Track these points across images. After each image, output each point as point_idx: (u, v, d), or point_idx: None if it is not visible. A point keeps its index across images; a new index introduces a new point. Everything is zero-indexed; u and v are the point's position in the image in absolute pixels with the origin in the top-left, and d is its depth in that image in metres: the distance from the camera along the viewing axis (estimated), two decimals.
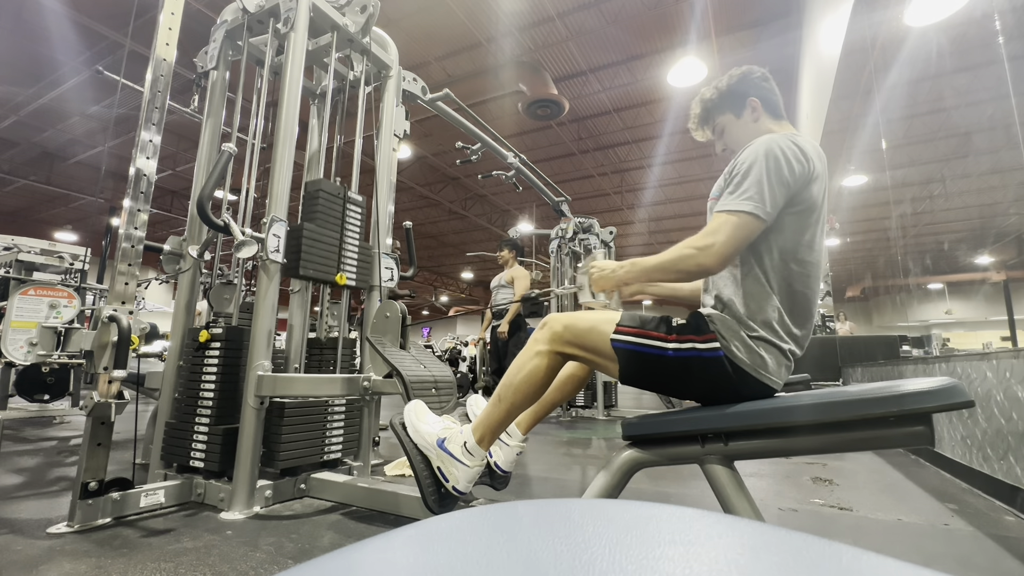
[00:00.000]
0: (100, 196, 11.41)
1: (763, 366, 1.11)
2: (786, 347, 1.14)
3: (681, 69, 6.54)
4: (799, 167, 1.12)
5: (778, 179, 1.11)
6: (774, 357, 1.13)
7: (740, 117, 1.33)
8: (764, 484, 2.32)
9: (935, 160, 8.63)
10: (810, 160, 1.14)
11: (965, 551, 1.51)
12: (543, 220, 13.09)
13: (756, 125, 1.32)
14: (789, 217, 1.14)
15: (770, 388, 1.13)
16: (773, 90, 1.33)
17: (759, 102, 1.31)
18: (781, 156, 1.12)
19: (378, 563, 0.24)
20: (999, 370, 1.98)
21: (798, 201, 1.13)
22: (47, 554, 1.36)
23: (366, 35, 2.35)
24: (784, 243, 1.14)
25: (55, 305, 3.23)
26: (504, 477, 1.56)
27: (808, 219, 1.15)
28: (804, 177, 1.13)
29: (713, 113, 1.37)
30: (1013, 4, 3.06)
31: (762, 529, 0.25)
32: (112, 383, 1.61)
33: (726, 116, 1.35)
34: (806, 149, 1.15)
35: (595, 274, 1.33)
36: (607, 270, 1.31)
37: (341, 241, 2.18)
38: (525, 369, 1.25)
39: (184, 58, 2.21)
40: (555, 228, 5.48)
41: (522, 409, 1.29)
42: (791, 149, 1.13)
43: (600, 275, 1.32)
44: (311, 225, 2.05)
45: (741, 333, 1.13)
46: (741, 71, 1.34)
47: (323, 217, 2.10)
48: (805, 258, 1.15)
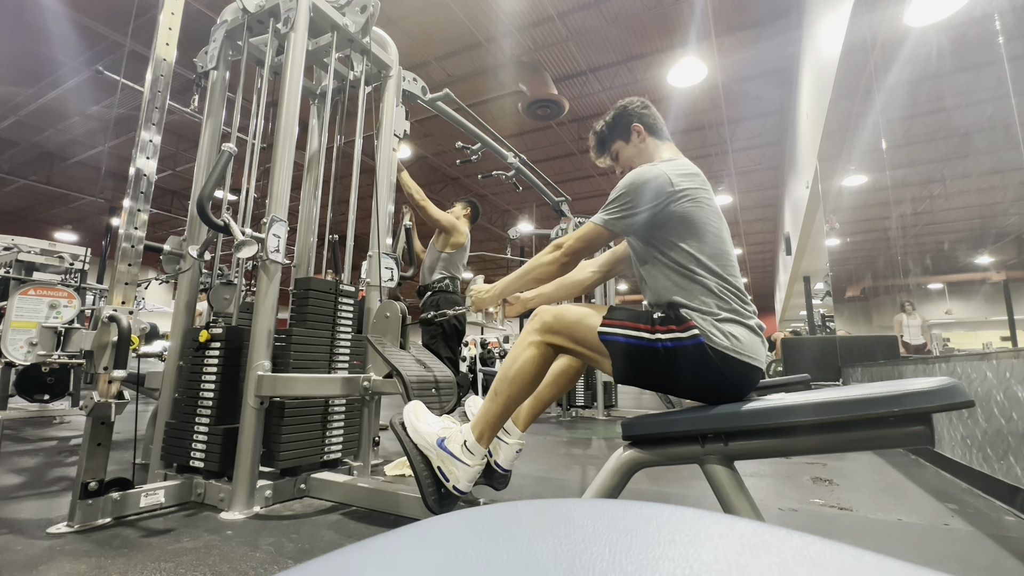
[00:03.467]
0: (100, 196, 11.41)
1: (739, 344, 1.17)
2: (751, 322, 1.22)
3: (681, 69, 6.54)
4: (659, 190, 1.27)
5: (633, 202, 1.28)
6: (744, 333, 1.19)
7: (629, 142, 1.52)
8: (764, 484, 2.32)
9: (935, 160, 8.62)
10: (673, 183, 1.28)
11: (965, 551, 1.51)
12: (543, 220, 13.09)
13: (644, 146, 1.50)
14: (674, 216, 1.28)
15: (752, 367, 1.18)
16: (653, 115, 1.52)
17: (642, 127, 1.50)
18: (641, 182, 1.29)
19: (378, 563, 0.24)
20: (999, 370, 1.98)
21: (670, 215, 1.28)
22: (47, 554, 1.36)
23: (366, 35, 2.35)
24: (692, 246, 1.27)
25: (55, 305, 3.23)
26: (504, 476, 1.56)
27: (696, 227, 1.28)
28: (665, 196, 1.27)
29: (606, 142, 1.57)
30: (1013, 4, 3.06)
31: (762, 529, 0.25)
32: (112, 383, 1.61)
33: (617, 143, 1.54)
34: (671, 175, 1.29)
35: (474, 295, 1.60)
36: (482, 291, 1.58)
37: (332, 338, 2.13)
38: (519, 361, 1.28)
39: (184, 58, 2.21)
40: (555, 228, 5.48)
41: (519, 402, 1.32)
42: (655, 175, 1.29)
43: (477, 297, 1.59)
44: (300, 329, 2.01)
45: (708, 319, 1.19)
46: (622, 103, 1.54)
47: (314, 318, 2.06)
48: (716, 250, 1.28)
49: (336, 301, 2.17)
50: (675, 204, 1.27)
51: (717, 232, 1.30)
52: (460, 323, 3.24)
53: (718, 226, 1.31)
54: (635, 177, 1.31)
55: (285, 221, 1.95)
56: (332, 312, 2.15)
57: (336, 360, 2.14)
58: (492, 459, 1.52)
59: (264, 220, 1.91)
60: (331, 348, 2.13)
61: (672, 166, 1.33)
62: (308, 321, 2.05)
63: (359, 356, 2.24)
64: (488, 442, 1.32)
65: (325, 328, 2.11)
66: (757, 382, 1.21)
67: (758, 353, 1.20)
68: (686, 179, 1.31)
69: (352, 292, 2.23)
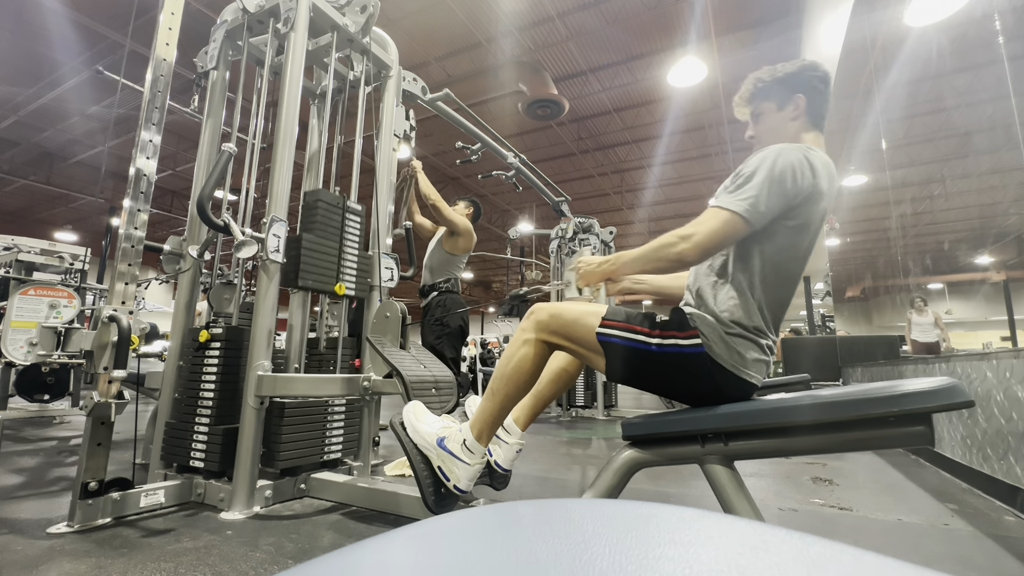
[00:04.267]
0: (100, 196, 11.41)
1: (741, 363, 1.13)
2: (764, 342, 1.16)
3: (681, 69, 6.54)
4: (804, 182, 1.12)
5: (779, 190, 1.10)
6: (751, 353, 1.14)
7: (781, 110, 1.29)
8: (764, 484, 2.32)
9: (935, 160, 8.63)
10: (818, 177, 1.13)
11: (965, 551, 1.51)
12: (543, 220, 13.09)
13: (792, 124, 1.28)
14: (784, 229, 1.14)
15: (749, 384, 1.14)
16: (826, 96, 1.28)
17: (805, 101, 1.27)
18: (788, 168, 1.11)
19: (378, 563, 0.24)
20: (999, 370, 1.98)
21: (796, 215, 1.14)
22: (47, 554, 1.36)
23: (366, 35, 2.35)
24: (772, 253, 1.15)
25: (55, 305, 3.23)
26: (504, 476, 1.56)
27: (803, 234, 1.16)
28: (806, 193, 1.12)
29: (759, 96, 1.32)
30: (1013, 4, 3.06)
31: (762, 529, 0.25)
32: (112, 383, 1.61)
33: (769, 104, 1.31)
34: (816, 166, 1.14)
35: (581, 269, 1.35)
36: (592, 264, 1.33)
37: (340, 251, 2.18)
38: (514, 359, 1.27)
39: (184, 58, 2.21)
40: (555, 228, 5.48)
41: (516, 400, 1.30)
42: (800, 163, 1.12)
43: (586, 270, 1.34)
44: (310, 235, 2.05)
45: (719, 330, 1.14)
46: (805, 63, 1.29)
47: (322, 227, 2.11)
48: (790, 269, 1.17)
49: (344, 216, 2.21)
50: (809, 206, 1.14)
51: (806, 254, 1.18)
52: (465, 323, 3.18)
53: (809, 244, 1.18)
54: (781, 157, 1.12)
55: (285, 221, 1.95)
56: (340, 225, 2.20)
57: (344, 273, 2.18)
58: (492, 459, 1.51)
59: (264, 220, 1.91)
60: (339, 260, 2.17)
61: (820, 159, 1.16)
62: (317, 229, 2.09)
63: (365, 274, 2.30)
64: (487, 441, 1.31)
65: (333, 238, 2.16)
66: (751, 395, 1.18)
67: (759, 372, 1.16)
68: (829, 180, 1.17)
69: (359, 210, 2.29)
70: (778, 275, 1.16)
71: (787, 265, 1.17)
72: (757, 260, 1.15)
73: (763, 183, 1.10)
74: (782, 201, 1.11)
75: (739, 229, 1.11)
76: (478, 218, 3.43)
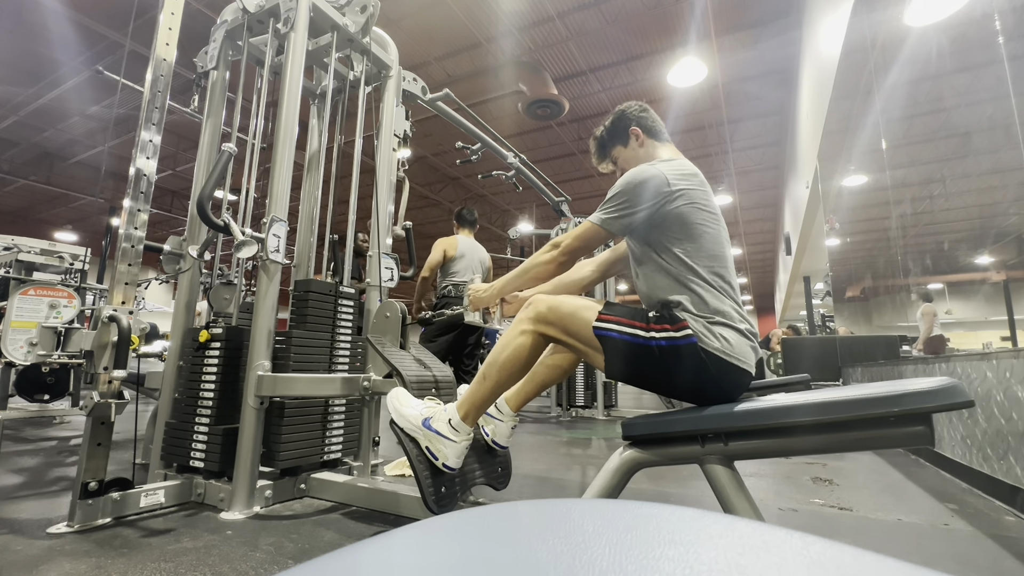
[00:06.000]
0: (100, 196, 11.41)
1: (729, 347, 1.17)
2: (741, 326, 1.21)
3: (681, 69, 6.54)
4: (656, 190, 1.27)
5: (630, 201, 1.28)
6: (735, 336, 1.19)
7: (627, 146, 1.52)
8: (764, 484, 2.32)
9: (935, 160, 8.62)
10: (670, 183, 1.28)
11: (965, 551, 1.51)
12: (543, 220, 13.08)
13: (643, 150, 1.50)
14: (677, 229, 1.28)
15: (743, 371, 1.18)
16: (652, 118, 1.51)
17: (640, 130, 1.50)
18: (638, 182, 1.29)
19: (378, 563, 0.24)
20: (999, 370, 1.98)
21: (666, 215, 1.27)
22: (47, 554, 1.36)
23: (366, 35, 2.35)
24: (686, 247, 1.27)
25: (55, 305, 3.23)
26: (503, 453, 1.63)
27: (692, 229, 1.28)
28: (662, 196, 1.27)
29: (606, 147, 1.56)
30: (1013, 4, 3.06)
31: (762, 529, 0.25)
32: (112, 383, 1.61)
33: (616, 148, 1.54)
34: (667, 175, 1.29)
35: (472, 295, 1.61)
36: (480, 290, 1.60)
37: (332, 340, 2.13)
38: (509, 348, 1.30)
39: (184, 58, 2.21)
40: (555, 228, 5.48)
41: (506, 387, 1.35)
42: (652, 175, 1.29)
43: (475, 296, 1.60)
44: (300, 331, 2.01)
45: (701, 320, 1.20)
46: (620, 108, 1.54)
47: (314, 320, 2.06)
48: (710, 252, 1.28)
49: (336, 303, 2.17)
50: (672, 204, 1.27)
51: (715, 235, 1.29)
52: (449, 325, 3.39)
53: (716, 228, 1.30)
54: (632, 176, 1.31)
55: (285, 221, 1.95)
56: (332, 314, 2.14)
57: (336, 361, 2.14)
58: (489, 438, 1.57)
59: (264, 220, 1.91)
60: (331, 350, 2.13)
61: (670, 166, 1.33)
62: (308, 323, 2.05)
63: (359, 358, 2.24)
64: (473, 422, 1.36)
65: (325, 330, 2.11)
66: (747, 385, 1.22)
67: (748, 357, 1.20)
68: (684, 179, 1.30)
69: (352, 294, 2.23)
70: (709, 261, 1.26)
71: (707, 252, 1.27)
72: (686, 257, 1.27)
73: (618, 198, 1.31)
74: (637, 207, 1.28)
75: (596, 234, 1.34)
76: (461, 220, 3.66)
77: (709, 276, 1.25)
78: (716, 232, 1.30)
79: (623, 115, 1.52)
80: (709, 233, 1.29)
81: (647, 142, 1.50)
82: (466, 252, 3.49)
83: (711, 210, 1.32)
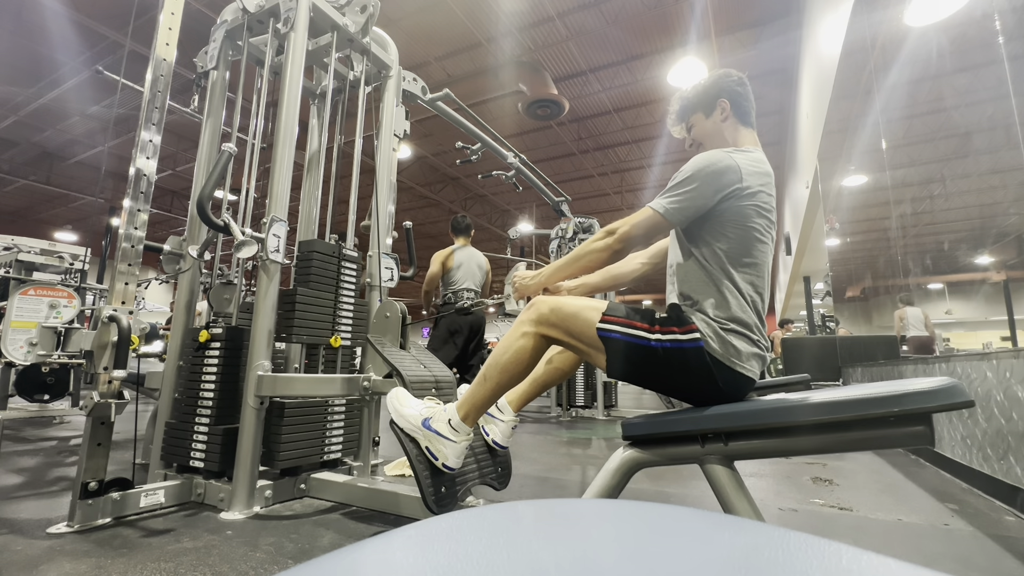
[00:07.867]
0: (100, 196, 11.41)
1: (737, 356, 1.15)
2: (754, 337, 1.19)
3: (681, 69, 6.54)
4: (727, 183, 1.19)
5: (699, 190, 1.19)
6: (746, 347, 1.17)
7: (709, 116, 1.38)
8: (764, 484, 2.32)
9: (935, 160, 8.62)
10: (743, 178, 1.20)
11: (965, 551, 1.51)
12: (543, 220, 13.09)
13: (723, 125, 1.37)
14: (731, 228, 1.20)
15: (746, 378, 1.16)
16: (746, 96, 1.37)
17: (729, 104, 1.36)
18: (711, 171, 1.20)
19: (378, 563, 0.24)
20: (999, 370, 1.98)
21: (726, 210, 1.20)
22: (47, 554, 1.36)
23: (366, 35, 2.35)
24: (730, 249, 1.21)
25: (55, 305, 3.23)
26: (503, 453, 1.63)
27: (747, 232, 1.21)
28: (731, 193, 1.19)
29: (688, 111, 1.43)
30: (1013, 4, 3.06)
31: (762, 529, 0.25)
32: (112, 383, 1.61)
33: (697, 115, 1.41)
34: (743, 168, 1.20)
35: (516, 283, 1.50)
36: (526, 278, 1.48)
37: (336, 302, 2.14)
38: (511, 350, 1.28)
39: (184, 58, 2.21)
40: (555, 228, 5.48)
41: (507, 389, 1.33)
42: (727, 166, 1.20)
43: (520, 284, 1.49)
44: (305, 289, 2.02)
45: (714, 326, 1.17)
46: (719, 72, 1.40)
47: (317, 279, 2.08)
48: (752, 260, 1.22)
49: (339, 265, 2.18)
50: (738, 201, 1.19)
51: (764, 245, 1.22)
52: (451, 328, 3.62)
53: (768, 239, 1.23)
54: (705, 163, 1.20)
55: (285, 221, 1.95)
56: (336, 275, 2.16)
57: (339, 324, 2.15)
58: (490, 438, 1.57)
59: (264, 220, 1.91)
60: (335, 311, 2.14)
61: (747, 158, 1.23)
62: (312, 282, 2.06)
63: (361, 321, 2.25)
64: (473, 423, 1.35)
65: (328, 290, 2.12)
66: (748, 391, 1.20)
67: (754, 367, 1.18)
68: (757, 177, 1.22)
69: (355, 256, 2.25)
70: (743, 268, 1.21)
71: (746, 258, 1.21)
72: (721, 258, 1.20)
73: (686, 185, 1.20)
74: (704, 201, 1.19)
75: (657, 224, 1.23)
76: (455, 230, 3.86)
77: (743, 284, 1.19)
78: (766, 243, 1.23)
79: (718, 81, 1.38)
80: (760, 241, 1.22)
81: (732, 120, 1.36)
82: (463, 261, 3.67)
83: (771, 218, 1.24)
